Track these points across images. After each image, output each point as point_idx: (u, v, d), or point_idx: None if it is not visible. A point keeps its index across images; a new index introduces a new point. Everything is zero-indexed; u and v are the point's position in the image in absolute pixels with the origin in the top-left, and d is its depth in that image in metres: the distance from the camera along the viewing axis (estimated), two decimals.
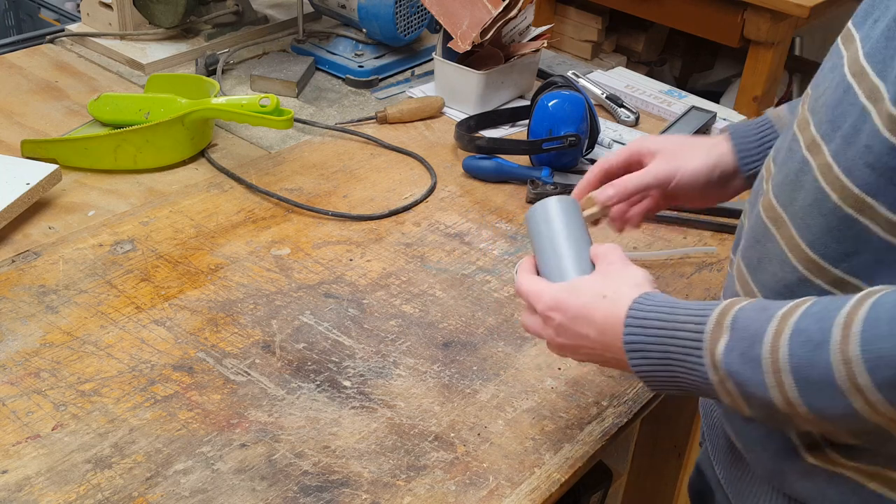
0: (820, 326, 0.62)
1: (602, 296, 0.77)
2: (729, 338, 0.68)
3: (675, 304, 0.73)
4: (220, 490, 0.84)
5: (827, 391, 0.62)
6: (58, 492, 0.82)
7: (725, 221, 1.26)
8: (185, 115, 1.27)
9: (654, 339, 0.73)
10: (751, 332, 0.66)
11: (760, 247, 0.78)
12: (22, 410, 0.90)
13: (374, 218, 1.23)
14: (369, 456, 0.88)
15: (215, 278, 1.10)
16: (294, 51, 1.63)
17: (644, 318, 0.73)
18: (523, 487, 0.87)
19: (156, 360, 0.97)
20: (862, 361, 0.59)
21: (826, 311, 0.63)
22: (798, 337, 0.63)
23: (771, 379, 0.64)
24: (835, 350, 0.61)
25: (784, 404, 0.65)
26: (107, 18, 1.58)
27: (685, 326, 0.71)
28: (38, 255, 1.11)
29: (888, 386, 0.59)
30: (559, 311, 0.79)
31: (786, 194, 0.75)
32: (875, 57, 0.67)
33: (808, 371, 0.62)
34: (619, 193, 0.96)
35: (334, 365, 0.99)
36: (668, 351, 0.72)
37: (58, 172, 1.20)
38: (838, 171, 0.69)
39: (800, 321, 0.64)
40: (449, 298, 1.10)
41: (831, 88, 0.72)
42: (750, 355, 0.66)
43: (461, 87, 1.47)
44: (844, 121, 0.69)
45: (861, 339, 0.60)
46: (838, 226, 0.69)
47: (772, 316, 0.66)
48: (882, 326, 0.59)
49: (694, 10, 2.45)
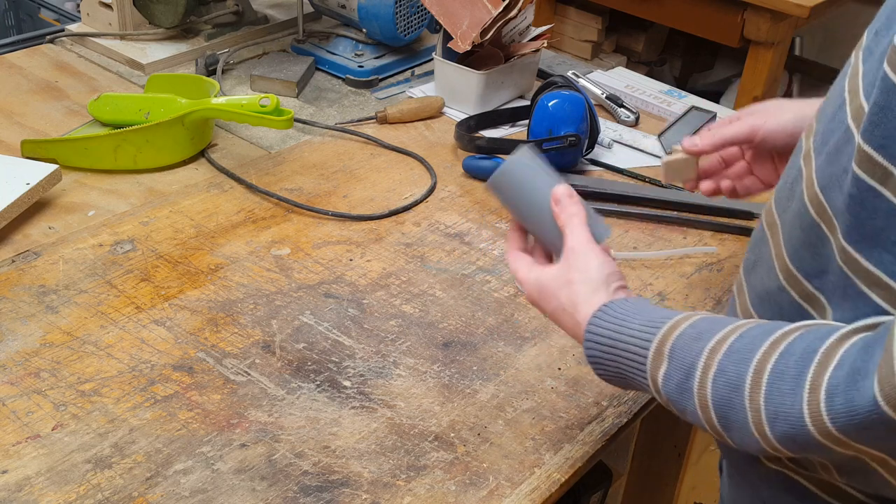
0: (737, 369, 0.66)
1: (563, 309, 0.80)
2: (667, 367, 0.71)
3: (624, 321, 0.75)
4: (220, 490, 0.84)
5: (744, 430, 0.66)
6: (58, 492, 0.82)
7: (725, 221, 1.26)
8: (185, 115, 1.26)
9: (607, 357, 0.76)
10: (686, 363, 0.70)
11: (757, 250, 0.78)
12: (22, 410, 0.90)
13: (374, 218, 1.23)
14: (369, 456, 0.88)
15: (215, 278, 1.10)
16: (294, 51, 1.63)
17: (598, 336, 0.77)
18: (523, 487, 0.87)
19: (156, 360, 0.97)
20: (764, 413, 0.63)
21: (746, 352, 0.66)
22: (720, 377, 0.67)
23: (701, 413, 0.69)
24: (747, 396, 0.65)
25: (715, 433, 0.69)
26: (107, 18, 1.58)
27: (630, 349, 0.74)
28: (38, 255, 1.11)
29: (785, 439, 0.63)
30: (537, 307, 0.84)
31: (782, 202, 0.75)
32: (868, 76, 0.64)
33: (728, 411, 0.66)
34: (705, 144, 0.99)
35: (334, 365, 0.99)
36: (619, 368, 0.76)
37: (58, 172, 1.20)
38: (817, 187, 0.68)
39: (723, 360, 0.67)
40: (449, 298, 1.10)
41: (833, 98, 0.71)
42: (684, 387, 0.70)
43: (461, 87, 1.47)
44: (832, 137, 0.67)
45: (766, 392, 0.63)
46: (814, 242, 0.68)
47: (703, 349, 0.69)
48: (785, 382, 0.62)
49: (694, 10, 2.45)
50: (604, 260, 0.80)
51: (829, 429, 0.60)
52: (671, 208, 1.29)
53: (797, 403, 0.61)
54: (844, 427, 0.59)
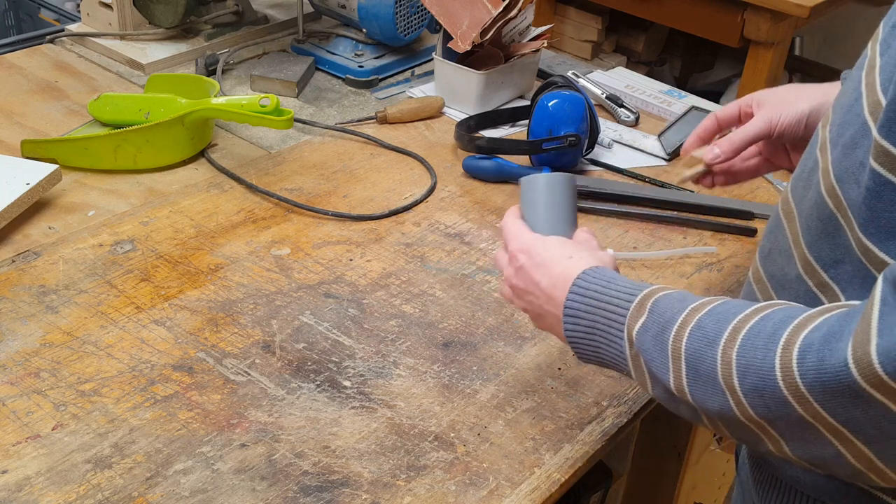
0: (716, 326, 0.67)
1: (567, 256, 0.82)
2: (646, 319, 0.73)
3: (616, 279, 0.78)
4: (220, 490, 0.84)
5: (710, 384, 0.67)
6: (58, 492, 0.82)
7: (725, 221, 1.26)
8: (185, 115, 1.27)
9: (587, 308, 0.78)
10: (665, 318, 0.71)
11: (773, 237, 0.79)
12: (22, 410, 0.90)
13: (374, 218, 1.23)
14: (369, 456, 0.88)
15: (215, 278, 1.10)
16: (294, 51, 1.63)
17: (587, 288, 0.78)
18: (523, 487, 0.87)
19: (156, 360, 0.97)
20: (735, 365, 0.65)
21: (726, 314, 0.68)
22: (698, 331, 0.68)
23: (671, 364, 0.70)
24: (721, 349, 0.66)
25: (677, 390, 0.70)
26: (107, 18, 1.58)
27: (614, 301, 0.76)
28: (38, 255, 1.11)
29: (752, 392, 0.64)
30: (527, 254, 0.84)
31: (799, 190, 0.75)
32: (886, 70, 0.65)
33: (698, 364, 0.68)
34: (726, 152, 0.98)
35: (334, 365, 0.99)
36: (594, 321, 0.77)
37: (58, 172, 1.20)
38: (833, 179, 0.69)
39: (703, 317, 0.69)
40: (449, 298, 1.10)
41: (849, 90, 0.71)
42: (660, 339, 0.71)
43: (461, 87, 1.47)
44: (848, 129, 0.68)
45: (739, 345, 0.65)
46: (831, 232, 0.70)
47: (685, 307, 0.71)
48: (760, 338, 0.64)
49: (694, 10, 2.45)
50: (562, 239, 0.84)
51: (797, 384, 0.61)
52: (671, 208, 1.29)
53: (769, 358, 0.63)
54: (811, 385, 0.60)
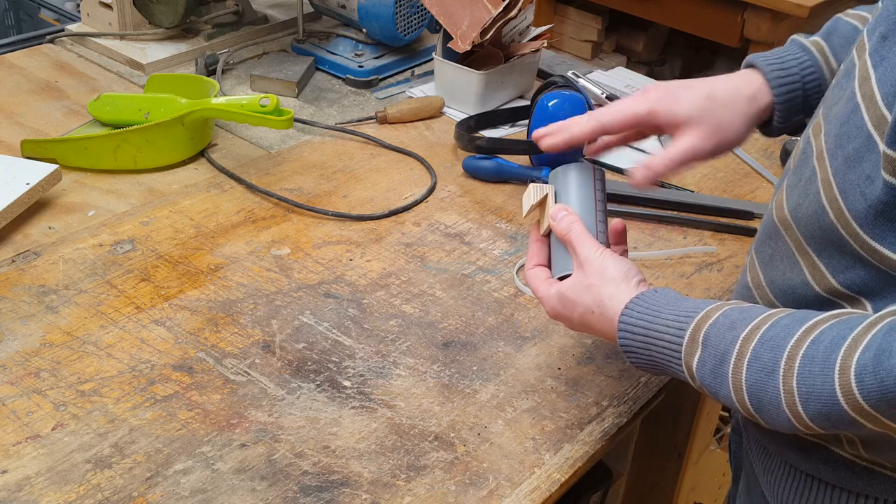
0: (772, 355, 0.69)
1: (591, 311, 0.83)
2: (701, 354, 0.74)
3: (658, 311, 0.78)
4: (220, 490, 0.84)
5: (775, 411, 0.70)
6: (58, 492, 0.82)
7: (725, 221, 1.26)
8: (185, 115, 1.26)
9: (640, 345, 0.79)
10: (720, 350, 0.73)
11: (774, 244, 0.79)
12: (22, 410, 0.90)
13: (374, 218, 1.23)
14: (369, 456, 0.88)
15: (215, 278, 1.10)
16: (294, 51, 1.63)
17: (632, 327, 0.79)
18: (523, 487, 0.87)
19: (156, 360, 0.97)
20: (797, 394, 0.67)
21: (777, 339, 0.70)
22: (755, 363, 0.70)
23: (733, 395, 0.72)
24: (781, 379, 0.68)
25: (747, 414, 0.73)
26: (107, 18, 1.58)
27: (664, 338, 0.78)
28: (38, 255, 1.11)
29: (818, 417, 0.67)
30: (561, 320, 0.87)
31: (794, 199, 0.75)
32: (886, 84, 0.65)
33: (761, 394, 0.70)
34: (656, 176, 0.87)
35: (334, 365, 0.99)
36: (652, 356, 0.79)
37: (58, 172, 1.20)
38: (836, 191, 0.69)
39: (757, 347, 0.71)
40: (449, 298, 1.10)
41: (843, 101, 0.71)
42: (718, 372, 0.73)
43: (461, 87, 1.47)
44: (849, 142, 0.68)
45: (798, 374, 0.67)
46: (837, 241, 0.70)
47: (737, 338, 0.72)
48: (815, 365, 0.66)
49: (694, 10, 2.45)
50: (617, 259, 0.83)
51: (861, 406, 0.63)
52: (671, 208, 1.29)
53: (828, 384, 0.65)
54: (877, 405, 0.62)
